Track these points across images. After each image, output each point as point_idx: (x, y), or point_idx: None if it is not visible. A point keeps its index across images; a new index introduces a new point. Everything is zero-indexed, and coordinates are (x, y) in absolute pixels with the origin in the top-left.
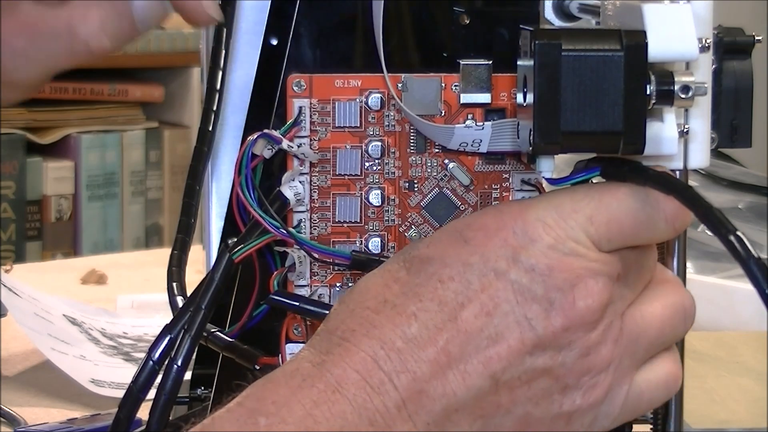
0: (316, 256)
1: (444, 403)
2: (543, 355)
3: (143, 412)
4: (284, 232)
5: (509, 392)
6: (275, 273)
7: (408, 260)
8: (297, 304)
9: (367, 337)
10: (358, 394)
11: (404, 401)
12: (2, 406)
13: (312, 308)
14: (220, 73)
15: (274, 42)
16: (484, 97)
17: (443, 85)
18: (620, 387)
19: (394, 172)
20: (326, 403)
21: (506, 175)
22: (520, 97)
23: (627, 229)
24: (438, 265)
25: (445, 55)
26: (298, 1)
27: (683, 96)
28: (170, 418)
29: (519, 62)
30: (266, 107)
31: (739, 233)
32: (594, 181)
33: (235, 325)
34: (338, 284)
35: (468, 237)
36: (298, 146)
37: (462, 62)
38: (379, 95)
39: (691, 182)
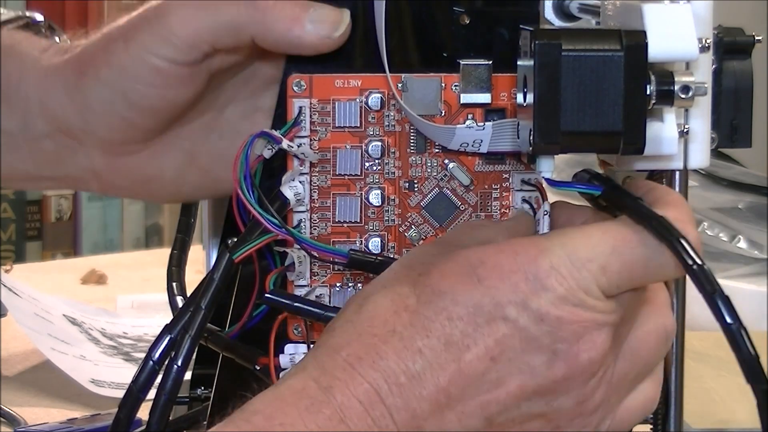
0: (315, 254)
1: None
2: (540, 401)
3: (143, 412)
4: (284, 230)
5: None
6: (272, 272)
7: (419, 287)
8: (292, 303)
9: (372, 368)
10: (360, 425)
11: None
12: (2, 406)
13: (307, 308)
14: None
15: None
16: (484, 97)
17: (443, 85)
18: (605, 420)
19: (394, 172)
20: (331, 430)
21: (506, 175)
22: (520, 97)
23: (637, 276)
24: (449, 301)
25: (445, 55)
26: None
27: (683, 96)
28: (170, 418)
29: (519, 62)
30: None
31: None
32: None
33: (235, 325)
34: (338, 284)
35: (481, 276)
36: (298, 146)
37: (462, 62)
38: (379, 95)
39: (691, 182)
